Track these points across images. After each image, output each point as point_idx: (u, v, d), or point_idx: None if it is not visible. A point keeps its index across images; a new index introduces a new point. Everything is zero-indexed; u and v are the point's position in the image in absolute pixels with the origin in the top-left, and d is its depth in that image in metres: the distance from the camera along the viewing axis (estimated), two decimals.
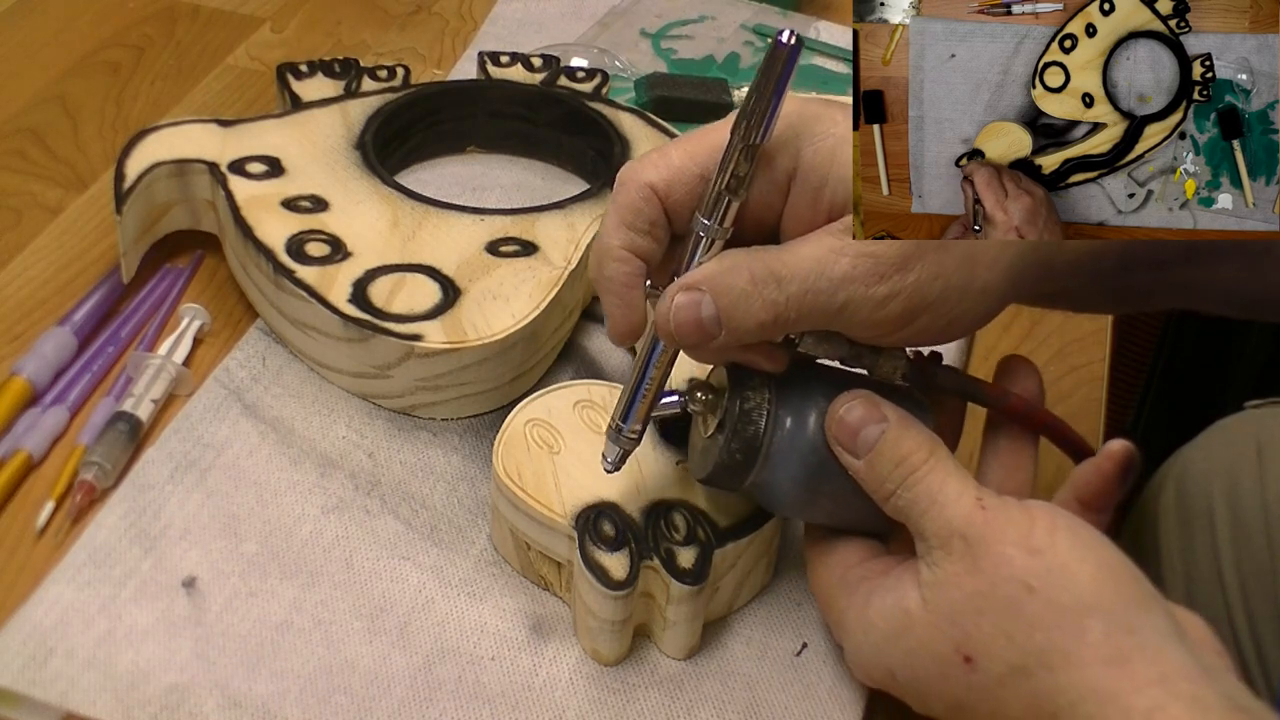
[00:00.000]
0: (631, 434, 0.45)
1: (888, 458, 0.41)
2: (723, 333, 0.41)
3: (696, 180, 0.42)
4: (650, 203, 0.42)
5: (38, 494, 0.49)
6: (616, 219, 0.42)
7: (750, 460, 0.43)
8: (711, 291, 0.41)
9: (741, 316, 0.41)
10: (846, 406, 0.42)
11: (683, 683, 0.46)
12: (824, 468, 0.43)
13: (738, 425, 0.43)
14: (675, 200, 0.42)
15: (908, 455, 0.41)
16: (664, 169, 0.42)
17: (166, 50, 0.74)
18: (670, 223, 0.43)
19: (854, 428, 0.42)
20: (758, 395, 0.43)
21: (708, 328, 0.41)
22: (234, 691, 0.43)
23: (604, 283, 0.43)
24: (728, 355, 0.43)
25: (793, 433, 0.43)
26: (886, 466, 0.41)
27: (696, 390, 0.44)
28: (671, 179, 0.42)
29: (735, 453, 0.43)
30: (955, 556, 0.40)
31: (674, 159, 0.42)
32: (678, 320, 0.41)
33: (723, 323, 0.41)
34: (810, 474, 0.43)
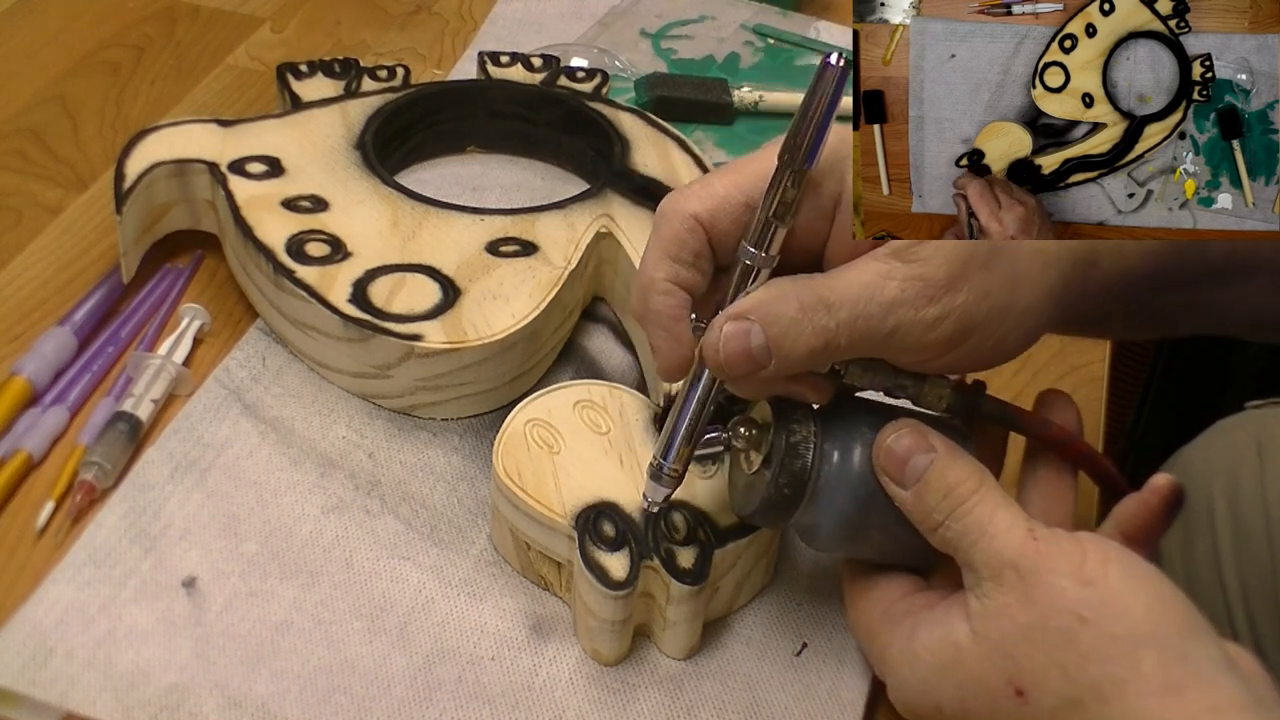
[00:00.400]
0: (673, 472, 0.44)
1: (936, 488, 0.41)
2: (772, 362, 0.40)
3: (741, 209, 0.42)
4: (695, 234, 0.42)
5: (38, 494, 0.49)
6: (660, 251, 0.42)
7: (798, 495, 0.42)
8: (760, 320, 0.40)
9: (791, 345, 0.40)
10: (894, 436, 0.42)
11: (683, 683, 0.46)
12: (871, 501, 0.42)
13: (785, 459, 0.42)
14: (720, 230, 0.42)
15: (956, 485, 0.41)
16: (708, 199, 0.42)
17: (166, 50, 0.74)
18: (714, 254, 0.42)
19: (902, 457, 0.41)
20: (803, 429, 0.42)
21: (757, 357, 0.40)
22: (234, 691, 0.44)
23: (650, 317, 0.43)
24: (774, 387, 0.42)
25: (840, 466, 0.42)
26: (935, 497, 0.41)
27: (740, 426, 0.44)
28: (716, 209, 0.42)
29: (784, 487, 0.42)
30: (1007, 588, 0.39)
31: (718, 188, 0.42)
32: (727, 351, 0.40)
33: (772, 352, 0.40)
34: (857, 508, 0.42)
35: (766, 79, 0.76)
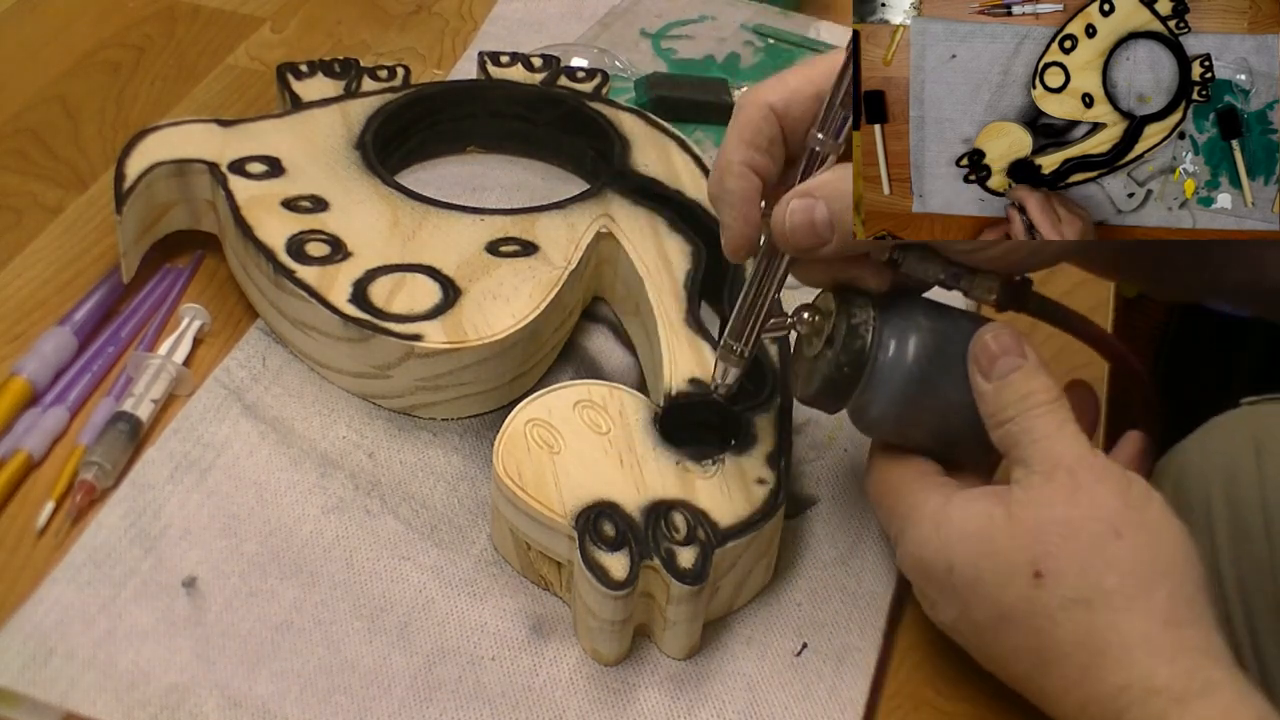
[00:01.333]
0: (741, 353, 0.47)
1: (1018, 388, 0.43)
2: (834, 237, 0.43)
3: (812, 100, 0.44)
4: (769, 121, 0.44)
5: (38, 494, 0.49)
6: (737, 136, 0.45)
7: (856, 375, 0.45)
8: (825, 197, 0.43)
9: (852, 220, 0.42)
10: (996, 332, 0.44)
11: (683, 683, 0.46)
12: (923, 386, 0.45)
13: (846, 340, 0.44)
14: (792, 119, 0.44)
15: (1036, 390, 0.43)
16: (782, 90, 0.44)
17: (166, 50, 0.74)
18: (786, 143, 0.45)
19: (995, 354, 0.44)
20: (863, 313, 0.45)
21: (820, 231, 0.43)
22: (234, 691, 0.44)
23: (725, 196, 0.45)
24: (833, 270, 0.45)
25: (896, 350, 0.45)
26: (1013, 395, 0.43)
27: (804, 311, 0.46)
28: (789, 99, 0.44)
29: (843, 366, 0.45)
30: (1056, 484, 0.42)
31: (791, 81, 0.44)
32: (792, 223, 0.43)
33: (834, 226, 0.43)
34: (911, 391, 0.45)
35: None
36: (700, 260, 0.57)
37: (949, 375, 0.45)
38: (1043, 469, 0.42)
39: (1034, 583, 0.41)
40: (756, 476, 0.48)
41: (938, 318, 0.46)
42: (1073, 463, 0.42)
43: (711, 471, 0.48)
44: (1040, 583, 0.41)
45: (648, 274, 0.56)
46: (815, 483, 0.53)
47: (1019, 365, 0.44)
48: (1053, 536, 0.41)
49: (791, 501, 0.51)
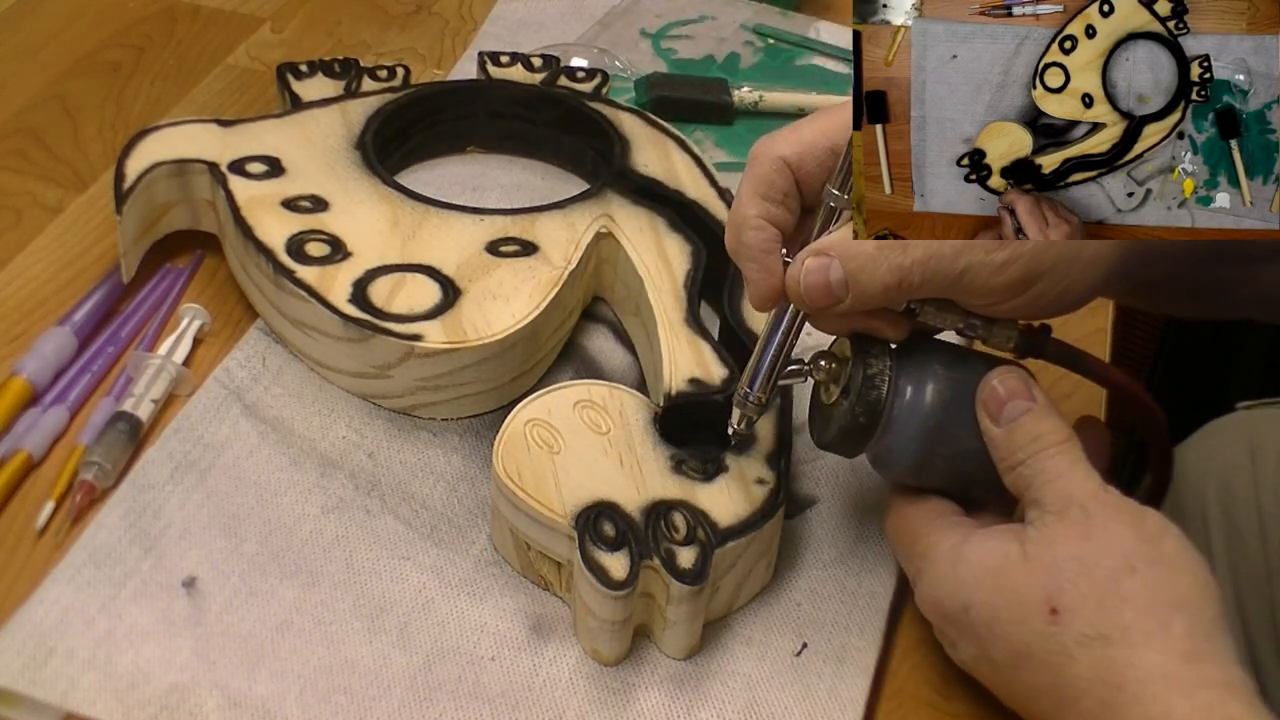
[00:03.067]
0: (758, 399, 0.47)
1: (1028, 430, 0.44)
2: (849, 296, 0.43)
3: (827, 154, 0.44)
4: (783, 174, 0.45)
5: (38, 494, 0.49)
6: (751, 190, 0.45)
7: (873, 424, 0.45)
8: (840, 256, 0.43)
9: (868, 280, 0.43)
10: (1003, 377, 0.45)
11: (683, 683, 0.46)
12: (940, 434, 0.45)
13: (862, 390, 0.45)
14: (806, 172, 0.45)
15: (1045, 433, 0.43)
16: (795, 143, 0.45)
17: (166, 50, 0.74)
18: (801, 195, 0.45)
19: (1004, 399, 0.44)
20: (880, 363, 0.45)
21: (835, 290, 0.43)
22: (234, 691, 0.44)
23: (743, 250, 0.45)
24: (852, 323, 0.45)
25: (913, 399, 0.45)
26: (1024, 438, 0.44)
27: (820, 359, 0.47)
28: (803, 152, 0.44)
29: (859, 416, 0.45)
30: (1069, 522, 0.42)
31: (805, 134, 0.45)
32: (808, 283, 0.43)
33: (849, 286, 0.43)
34: (928, 438, 0.45)
35: (766, 79, 0.76)
36: (700, 260, 0.57)
37: (965, 422, 0.45)
38: (1056, 508, 0.42)
39: (1050, 619, 0.41)
40: (756, 476, 0.48)
41: (954, 364, 0.46)
42: (1086, 500, 0.42)
43: (711, 471, 0.48)
44: (1056, 619, 0.40)
45: (648, 274, 0.56)
46: (815, 483, 0.53)
47: (1028, 409, 0.44)
48: (1068, 573, 0.41)
49: (791, 501, 0.51)
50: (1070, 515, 0.42)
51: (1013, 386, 0.44)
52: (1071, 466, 0.43)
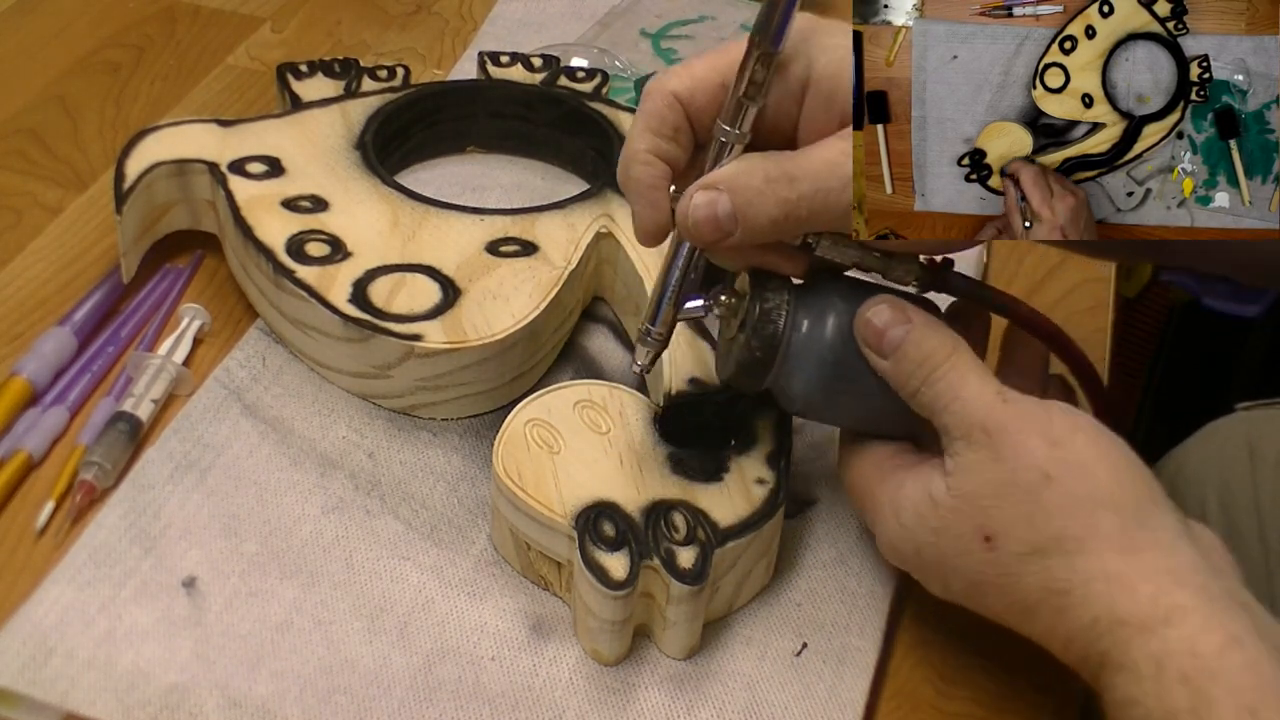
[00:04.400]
0: (659, 335, 0.47)
1: (912, 357, 0.43)
2: (738, 229, 0.43)
3: (718, 89, 0.44)
4: (674, 109, 0.44)
5: (38, 494, 0.49)
6: (642, 125, 0.44)
7: (769, 358, 0.45)
8: (728, 190, 0.43)
9: (755, 213, 0.43)
10: (874, 309, 0.44)
11: (683, 683, 0.46)
12: (840, 369, 0.45)
13: (758, 324, 0.44)
14: (697, 107, 0.44)
15: (931, 354, 0.43)
16: (687, 78, 0.44)
17: (166, 50, 0.74)
18: (694, 130, 0.45)
19: (880, 329, 0.44)
20: (777, 297, 0.45)
21: (724, 224, 0.43)
22: (234, 691, 0.44)
23: (630, 184, 0.45)
24: (746, 256, 0.45)
25: (810, 333, 0.45)
26: (910, 365, 0.43)
27: (721, 294, 0.46)
28: (694, 87, 0.44)
29: (755, 350, 0.45)
30: (977, 446, 0.42)
31: (696, 69, 0.44)
32: (695, 217, 0.43)
33: (738, 219, 0.43)
34: (826, 374, 0.45)
35: None
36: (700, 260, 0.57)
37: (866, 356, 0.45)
38: (961, 433, 0.42)
39: (987, 547, 0.41)
40: (756, 476, 0.48)
41: (855, 298, 0.45)
42: (985, 419, 0.42)
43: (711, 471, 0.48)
44: (992, 545, 0.41)
45: (648, 274, 0.56)
46: (815, 483, 0.53)
47: (906, 331, 0.43)
48: (988, 499, 0.41)
49: (791, 501, 0.51)
50: (975, 439, 0.42)
51: (886, 315, 0.44)
52: (963, 381, 0.42)
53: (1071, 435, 0.41)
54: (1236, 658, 0.37)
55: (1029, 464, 0.41)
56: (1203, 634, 0.38)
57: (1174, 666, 0.37)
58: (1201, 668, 0.37)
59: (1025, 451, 0.41)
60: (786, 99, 0.44)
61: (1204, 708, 0.36)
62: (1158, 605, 0.38)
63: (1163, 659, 0.38)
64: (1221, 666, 0.37)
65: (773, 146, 0.44)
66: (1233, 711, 0.36)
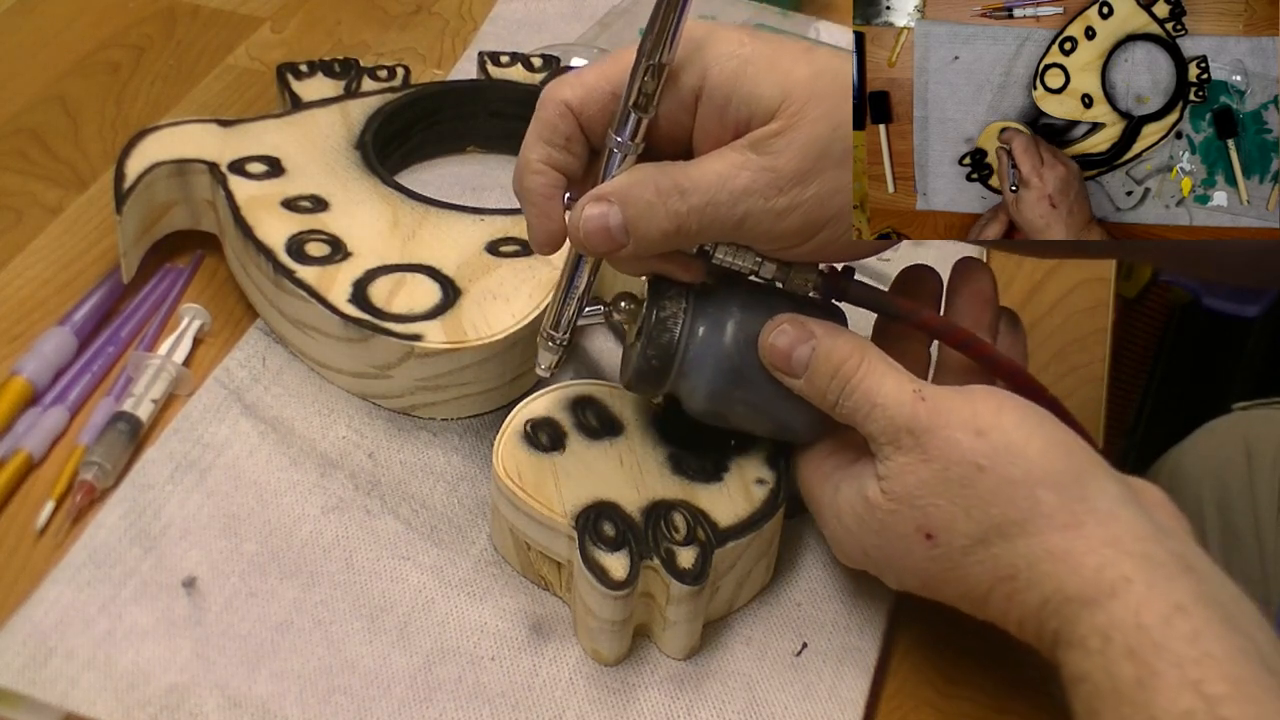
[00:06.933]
0: (561, 340, 0.47)
1: (823, 371, 0.44)
2: (630, 241, 0.43)
3: (609, 98, 0.43)
4: (565, 119, 0.44)
5: (38, 494, 0.49)
6: (535, 134, 0.45)
7: (666, 367, 0.45)
8: (619, 202, 0.43)
9: (646, 226, 0.43)
10: (776, 332, 0.44)
11: (683, 683, 0.46)
12: (739, 375, 0.45)
13: (653, 333, 0.45)
14: (589, 116, 0.44)
15: (840, 365, 0.43)
16: (579, 87, 0.44)
17: (166, 50, 0.74)
18: (588, 139, 0.44)
19: (786, 351, 0.44)
20: (674, 305, 0.45)
21: (615, 236, 0.43)
22: (234, 691, 0.44)
23: (524, 194, 0.45)
24: (644, 265, 0.45)
25: (706, 341, 0.45)
26: (824, 380, 0.44)
27: (621, 300, 0.47)
28: (585, 96, 0.44)
29: (651, 359, 0.45)
30: (905, 449, 0.42)
31: (588, 78, 0.44)
32: (587, 229, 0.43)
33: (629, 231, 0.43)
34: (726, 381, 0.45)
35: None
36: None
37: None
38: (887, 439, 0.42)
39: (930, 545, 0.42)
40: (756, 476, 0.48)
41: (754, 306, 0.45)
42: (909, 421, 0.42)
43: (711, 471, 0.48)
44: (935, 543, 0.41)
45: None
46: None
47: (812, 348, 0.44)
48: (924, 498, 0.41)
49: (791, 501, 0.51)
50: (902, 442, 0.42)
51: (789, 335, 0.44)
52: (880, 387, 0.42)
53: (997, 419, 0.41)
54: (1182, 627, 0.37)
55: (958, 458, 0.41)
56: (1146, 605, 0.38)
57: (1120, 640, 0.37)
58: (1146, 640, 0.37)
59: (952, 446, 0.41)
60: (679, 108, 0.43)
61: (1150, 679, 0.36)
62: (1102, 578, 0.38)
63: (1109, 632, 0.38)
64: (1165, 637, 0.37)
65: (668, 154, 0.44)
66: (1177, 684, 0.36)
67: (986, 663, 0.47)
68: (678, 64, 0.42)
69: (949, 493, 0.41)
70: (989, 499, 0.40)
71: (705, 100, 0.43)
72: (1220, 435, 0.73)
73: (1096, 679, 0.38)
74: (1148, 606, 0.38)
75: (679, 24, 0.41)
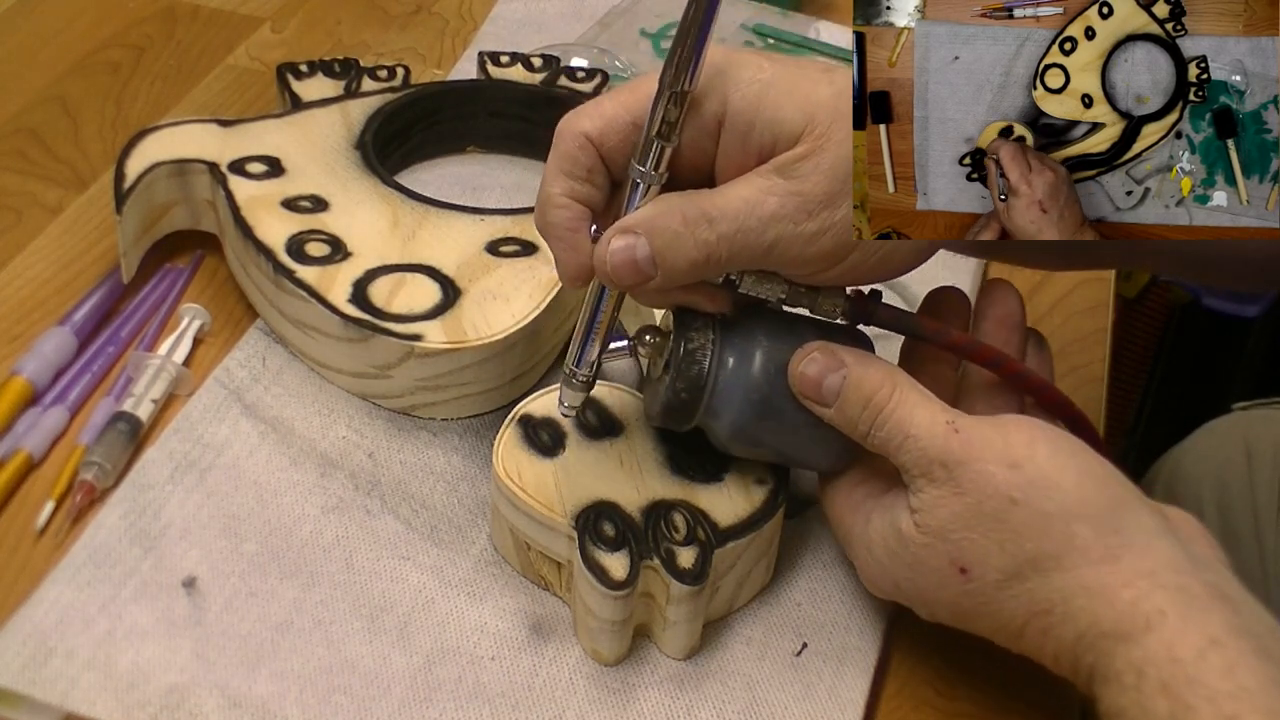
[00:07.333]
0: (584, 378, 0.46)
1: (854, 401, 0.43)
2: (658, 273, 0.42)
3: (629, 128, 0.43)
4: (586, 150, 0.43)
5: (38, 494, 0.49)
6: (555, 167, 0.44)
7: (695, 399, 0.44)
8: (646, 233, 0.42)
9: (675, 256, 0.42)
10: (806, 360, 0.44)
11: (683, 683, 0.46)
12: (768, 405, 0.44)
13: (682, 365, 0.44)
14: (610, 148, 0.43)
15: (871, 395, 0.43)
16: (598, 118, 0.43)
17: (166, 50, 0.74)
18: (609, 170, 0.44)
19: (816, 380, 0.43)
20: (701, 336, 0.44)
21: (643, 268, 0.42)
22: (234, 691, 0.44)
23: (549, 229, 0.44)
24: (669, 297, 0.44)
25: (736, 371, 0.44)
26: (855, 409, 0.43)
27: (645, 334, 0.46)
28: (605, 128, 0.43)
29: (680, 392, 0.44)
30: (938, 482, 0.41)
31: (607, 108, 0.43)
32: (614, 262, 0.42)
33: (657, 263, 0.42)
34: (755, 411, 0.45)
35: None
36: None
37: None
38: (920, 471, 0.42)
39: (964, 579, 0.41)
40: (756, 476, 0.48)
41: (781, 334, 0.45)
42: (942, 454, 0.41)
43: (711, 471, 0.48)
44: (969, 577, 0.41)
45: None
46: (815, 483, 0.53)
47: (843, 377, 0.43)
48: (957, 533, 0.41)
49: (791, 501, 0.51)
50: (935, 475, 0.41)
51: (820, 364, 0.43)
52: (912, 418, 0.42)
53: (1031, 451, 0.41)
54: (1216, 661, 0.37)
55: (992, 492, 0.40)
56: (1180, 638, 0.37)
57: (1154, 674, 0.37)
58: (1180, 674, 0.37)
59: (986, 480, 0.40)
60: (702, 136, 0.43)
61: (1184, 714, 0.36)
62: (1137, 611, 0.38)
63: (1143, 667, 0.37)
64: (1200, 672, 0.37)
65: (690, 183, 0.43)
66: (1211, 719, 0.36)
67: (986, 663, 0.47)
68: (699, 91, 0.42)
69: (983, 526, 0.40)
70: (1023, 533, 0.40)
71: (728, 127, 0.42)
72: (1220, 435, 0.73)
73: (1132, 714, 0.37)
74: (1182, 640, 0.37)
75: (702, 51, 0.40)
